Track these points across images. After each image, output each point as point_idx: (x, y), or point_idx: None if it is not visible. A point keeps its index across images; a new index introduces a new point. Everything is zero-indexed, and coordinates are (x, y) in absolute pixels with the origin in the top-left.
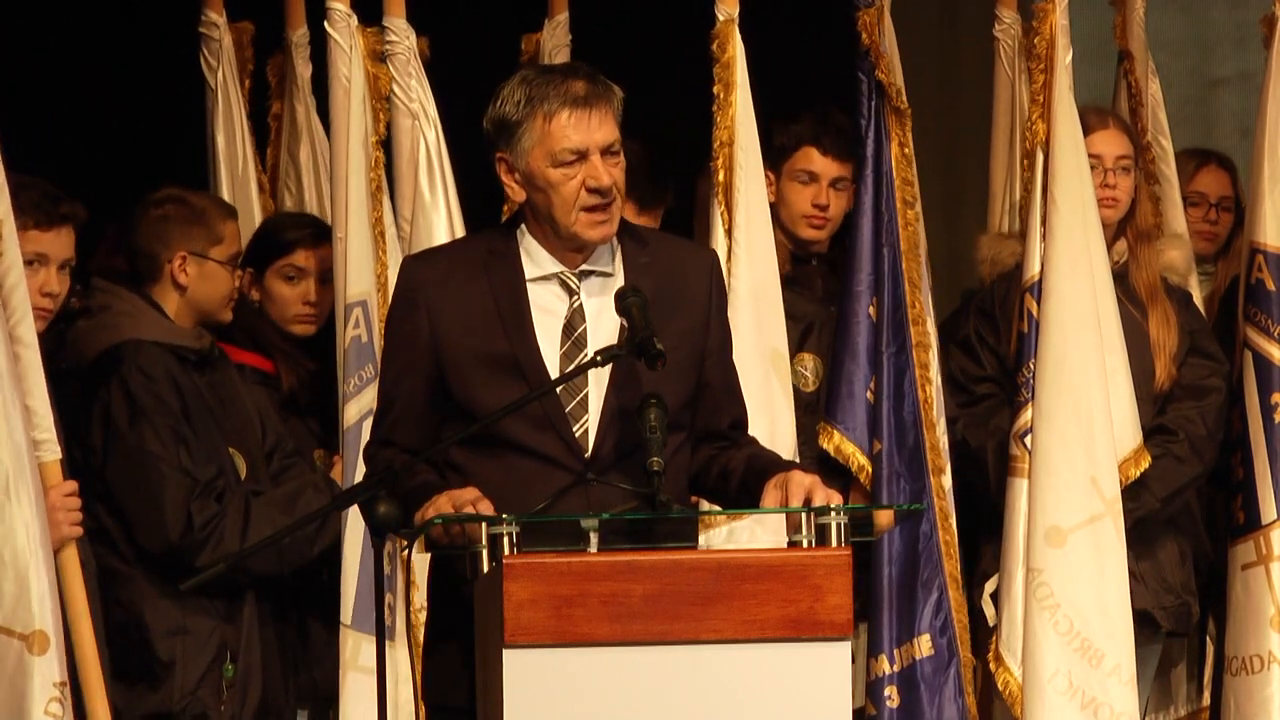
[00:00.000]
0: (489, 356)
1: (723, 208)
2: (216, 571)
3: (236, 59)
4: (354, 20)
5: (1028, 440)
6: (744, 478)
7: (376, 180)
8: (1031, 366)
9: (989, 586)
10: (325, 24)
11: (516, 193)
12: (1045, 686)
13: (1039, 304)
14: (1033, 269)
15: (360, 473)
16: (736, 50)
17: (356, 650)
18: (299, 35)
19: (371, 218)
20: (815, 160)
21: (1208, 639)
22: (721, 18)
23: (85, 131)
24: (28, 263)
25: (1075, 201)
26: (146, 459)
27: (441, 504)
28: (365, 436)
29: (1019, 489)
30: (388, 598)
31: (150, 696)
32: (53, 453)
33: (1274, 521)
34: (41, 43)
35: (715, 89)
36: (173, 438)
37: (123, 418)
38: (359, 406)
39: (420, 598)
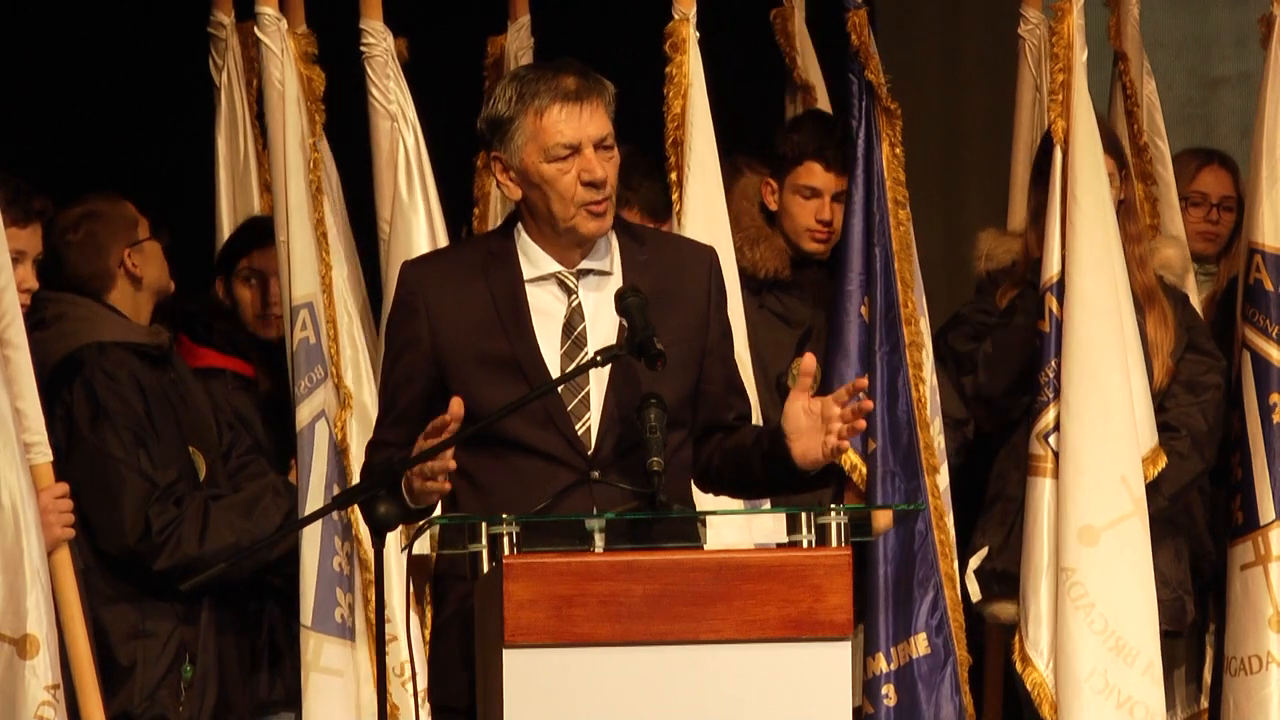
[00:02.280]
0: (490, 357)
1: (678, 208)
2: (216, 572)
3: (242, 59)
4: (284, 23)
5: (1052, 440)
6: (760, 442)
7: (316, 182)
8: (1055, 365)
9: (973, 563)
10: (255, 28)
11: (512, 191)
12: (1082, 686)
13: (1061, 303)
14: (1053, 268)
15: (316, 473)
16: (690, 49)
17: (318, 651)
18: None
19: (312, 219)
20: (818, 175)
21: (1208, 639)
22: (676, 16)
23: (97, 131)
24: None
25: (1095, 200)
26: (106, 462)
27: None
28: (318, 437)
29: (1042, 488)
30: (346, 598)
31: (109, 700)
32: (44, 455)
33: (1272, 522)
34: (53, 42)
35: (665, 89)
36: (134, 441)
37: (84, 419)
38: (310, 408)
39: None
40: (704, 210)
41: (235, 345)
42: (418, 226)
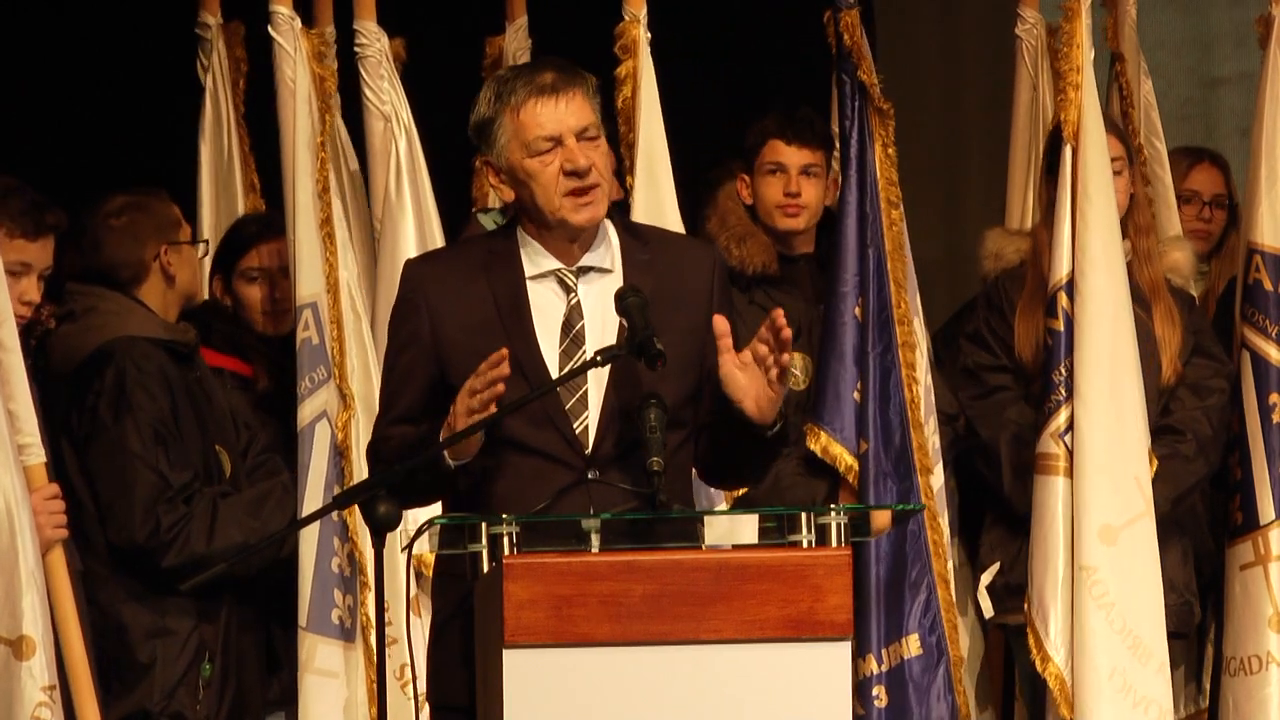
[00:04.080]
0: (489, 355)
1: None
2: (216, 572)
3: (229, 59)
4: (297, 22)
5: (1067, 439)
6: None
7: (323, 181)
8: (1068, 365)
9: (985, 578)
10: (268, 27)
11: (505, 193)
12: (1104, 685)
13: (1073, 301)
14: (1064, 267)
15: (315, 473)
16: (641, 50)
17: (313, 653)
18: None
19: (319, 219)
20: (781, 151)
21: (1208, 640)
22: (626, 18)
23: (82, 132)
24: (10, 272)
25: (1107, 197)
26: (124, 456)
27: (462, 399)
28: (318, 438)
29: (1055, 487)
30: (345, 599)
31: (128, 697)
32: (37, 456)
33: (1272, 522)
34: (38, 44)
35: (615, 91)
36: (154, 438)
37: (108, 411)
38: (312, 408)
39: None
40: (654, 211)
41: (234, 345)
42: (405, 229)
